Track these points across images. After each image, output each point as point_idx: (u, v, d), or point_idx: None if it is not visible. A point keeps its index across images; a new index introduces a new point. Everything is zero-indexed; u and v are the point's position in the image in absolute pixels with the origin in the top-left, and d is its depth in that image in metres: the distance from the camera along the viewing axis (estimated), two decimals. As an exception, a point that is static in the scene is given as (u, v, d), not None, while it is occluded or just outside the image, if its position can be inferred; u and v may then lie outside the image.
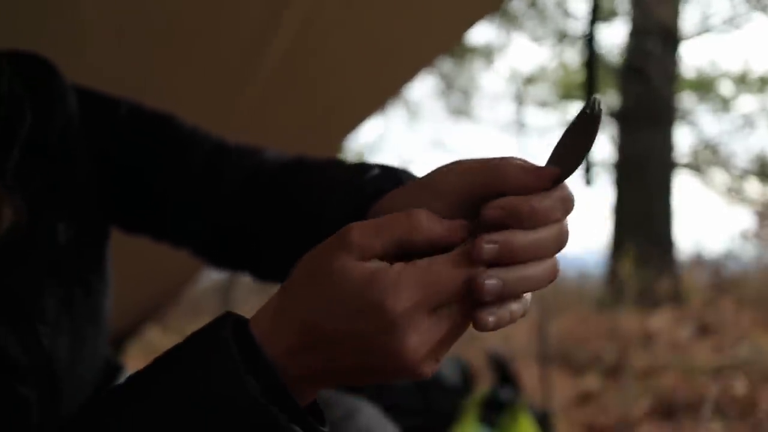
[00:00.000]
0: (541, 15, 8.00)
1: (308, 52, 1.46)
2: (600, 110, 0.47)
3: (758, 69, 7.59)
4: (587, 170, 1.58)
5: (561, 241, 0.49)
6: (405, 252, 0.48)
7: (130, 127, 0.81)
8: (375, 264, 0.47)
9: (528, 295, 0.50)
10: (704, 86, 7.81)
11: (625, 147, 7.38)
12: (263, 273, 0.82)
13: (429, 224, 0.48)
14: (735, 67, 9.08)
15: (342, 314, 0.46)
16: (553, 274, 0.49)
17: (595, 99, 0.47)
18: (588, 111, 0.48)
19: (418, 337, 0.45)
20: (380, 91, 1.71)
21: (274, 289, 0.52)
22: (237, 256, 0.82)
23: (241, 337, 0.49)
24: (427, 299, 0.46)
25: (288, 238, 0.74)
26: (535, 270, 0.48)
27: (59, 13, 1.24)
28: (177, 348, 0.50)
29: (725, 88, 7.81)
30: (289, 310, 0.49)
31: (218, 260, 0.85)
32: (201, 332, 0.50)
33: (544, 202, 0.47)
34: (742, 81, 7.68)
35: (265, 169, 0.79)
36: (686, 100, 7.95)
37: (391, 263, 0.47)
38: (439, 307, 0.47)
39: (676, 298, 6.37)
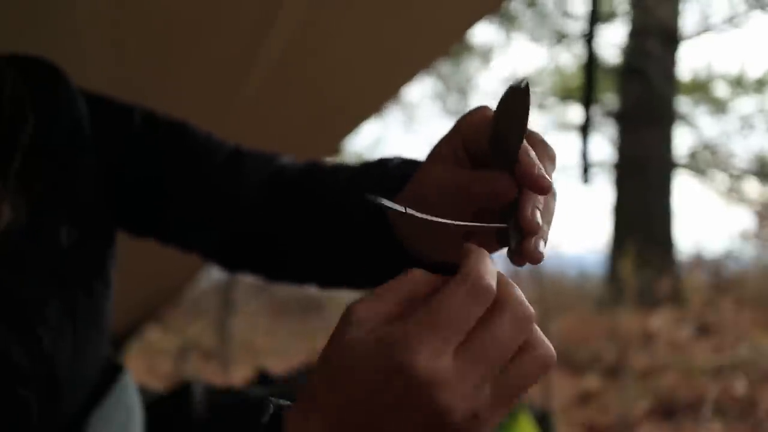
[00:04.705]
0: (540, 15, 8.00)
1: (306, 54, 1.46)
2: (527, 86, 0.47)
3: (757, 69, 7.60)
4: (585, 170, 1.58)
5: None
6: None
7: (144, 135, 0.81)
8: (382, 328, 0.44)
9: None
10: (703, 88, 7.81)
11: (625, 147, 7.39)
12: (281, 275, 0.82)
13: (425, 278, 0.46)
14: (733, 68, 9.08)
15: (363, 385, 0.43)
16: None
17: (523, 79, 0.48)
18: (516, 87, 0.48)
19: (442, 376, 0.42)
20: (378, 94, 1.71)
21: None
22: (253, 259, 0.82)
23: None
24: (444, 336, 0.42)
25: (316, 236, 0.74)
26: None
27: (55, 16, 1.24)
28: None
29: (723, 89, 7.82)
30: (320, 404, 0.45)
31: (231, 263, 0.85)
32: None
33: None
34: (740, 82, 7.69)
35: (286, 173, 0.79)
36: (685, 101, 7.95)
37: None
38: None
39: (676, 298, 6.38)
